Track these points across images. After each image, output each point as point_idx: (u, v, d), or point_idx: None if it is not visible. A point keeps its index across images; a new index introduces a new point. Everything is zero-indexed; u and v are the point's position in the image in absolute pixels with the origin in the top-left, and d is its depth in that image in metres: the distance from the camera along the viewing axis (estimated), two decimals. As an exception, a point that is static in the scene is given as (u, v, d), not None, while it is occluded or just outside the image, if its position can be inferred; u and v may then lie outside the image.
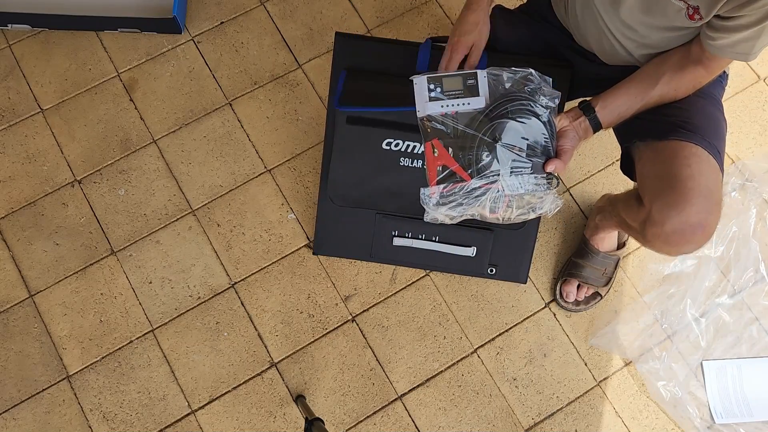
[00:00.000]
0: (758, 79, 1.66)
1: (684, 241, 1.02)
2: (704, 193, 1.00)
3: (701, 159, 1.03)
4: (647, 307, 1.48)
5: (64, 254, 1.50)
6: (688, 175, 1.01)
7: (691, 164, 1.03)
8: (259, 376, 1.44)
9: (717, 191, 1.03)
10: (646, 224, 1.05)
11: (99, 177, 1.56)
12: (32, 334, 1.46)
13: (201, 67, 1.64)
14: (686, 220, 1.00)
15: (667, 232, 1.02)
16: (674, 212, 1.00)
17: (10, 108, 1.60)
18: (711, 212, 1.01)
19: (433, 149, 1.07)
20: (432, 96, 1.07)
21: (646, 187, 1.07)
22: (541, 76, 1.07)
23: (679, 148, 1.05)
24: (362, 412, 1.43)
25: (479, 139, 1.06)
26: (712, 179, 1.03)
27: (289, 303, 1.48)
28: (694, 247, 1.04)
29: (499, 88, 1.07)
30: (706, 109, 1.12)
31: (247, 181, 1.56)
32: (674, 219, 1.00)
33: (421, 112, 1.07)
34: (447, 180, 1.07)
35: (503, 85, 1.07)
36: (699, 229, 1.01)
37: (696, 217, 1.00)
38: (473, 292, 1.50)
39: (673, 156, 1.05)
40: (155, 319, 1.47)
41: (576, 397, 1.45)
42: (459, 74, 1.07)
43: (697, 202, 1.00)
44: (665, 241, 1.04)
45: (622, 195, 1.28)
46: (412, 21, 1.68)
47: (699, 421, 1.41)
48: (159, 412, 1.42)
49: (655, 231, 1.04)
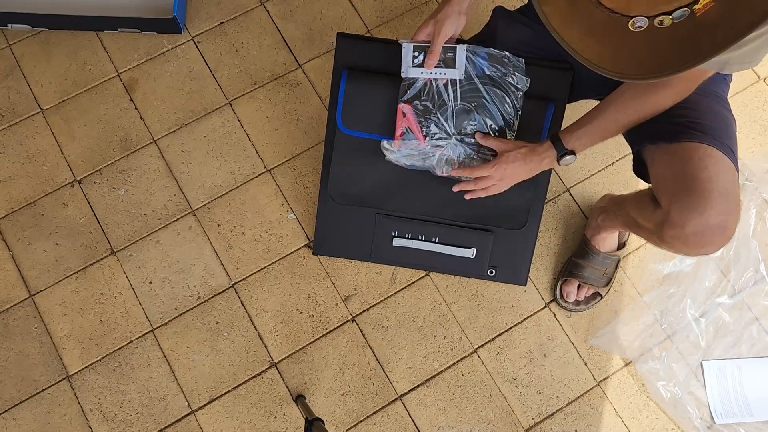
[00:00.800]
0: (758, 79, 1.66)
1: (705, 243, 1.03)
2: (723, 194, 1.01)
3: (716, 160, 1.04)
4: (647, 307, 1.48)
5: (64, 254, 1.50)
6: (706, 177, 1.02)
7: (708, 166, 1.03)
8: (259, 376, 1.44)
9: (735, 192, 1.03)
10: (665, 226, 1.05)
11: (99, 177, 1.56)
12: (32, 334, 1.46)
13: (201, 67, 1.64)
14: (707, 222, 1.00)
15: (688, 234, 1.02)
16: (695, 215, 1.00)
17: (10, 108, 1.60)
18: (731, 213, 1.01)
19: (403, 113, 1.24)
20: (415, 63, 1.21)
21: (663, 190, 1.07)
22: (515, 59, 1.22)
23: (693, 150, 1.05)
24: (362, 412, 1.43)
25: (445, 107, 1.23)
26: (729, 180, 1.03)
27: (289, 303, 1.48)
28: (715, 249, 1.04)
29: (475, 65, 1.21)
30: (713, 108, 1.12)
31: (247, 181, 1.56)
32: (695, 221, 1.01)
33: (404, 74, 1.22)
34: (407, 139, 1.25)
35: (480, 61, 1.21)
36: (720, 231, 1.01)
37: (716, 219, 1.00)
38: (473, 292, 1.50)
39: (688, 158, 1.05)
40: (155, 319, 1.47)
41: (576, 397, 1.45)
42: (441, 46, 1.19)
43: (717, 204, 1.00)
44: (685, 243, 1.04)
45: (630, 196, 1.28)
46: (412, 21, 1.68)
47: (699, 421, 1.41)
48: (159, 412, 1.42)
49: (674, 233, 1.04)
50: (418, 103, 1.23)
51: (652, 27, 0.76)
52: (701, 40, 0.75)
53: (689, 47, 0.76)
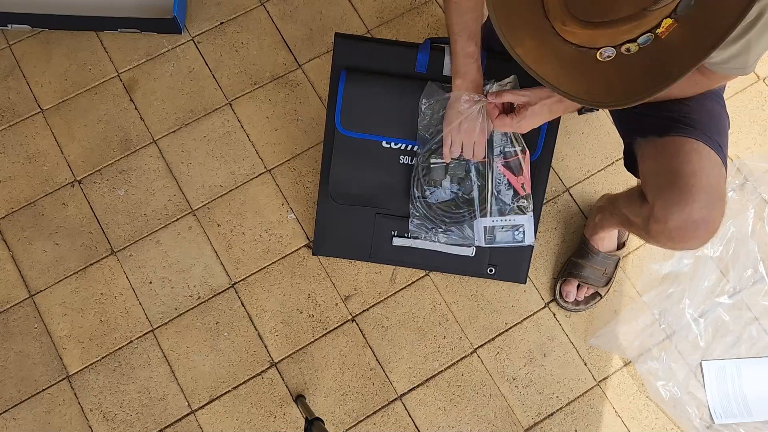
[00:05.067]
0: (758, 79, 1.66)
1: (688, 237, 1.03)
2: (706, 189, 1.01)
3: (702, 155, 1.04)
4: (646, 307, 1.49)
5: (64, 254, 1.51)
6: (690, 171, 1.02)
7: (693, 160, 1.03)
8: (259, 376, 1.44)
9: (720, 187, 1.03)
10: (650, 220, 1.06)
11: (99, 177, 1.56)
12: (32, 334, 1.46)
13: (201, 67, 1.64)
14: (689, 216, 1.00)
15: (671, 228, 1.03)
16: (677, 209, 1.01)
17: (10, 108, 1.60)
18: (714, 208, 1.01)
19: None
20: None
21: (649, 184, 1.08)
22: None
23: (680, 144, 1.05)
24: (362, 411, 1.43)
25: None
26: (714, 175, 1.03)
27: (289, 303, 1.49)
28: (699, 243, 1.05)
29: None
30: (706, 104, 1.12)
31: (247, 181, 1.56)
32: (677, 216, 1.01)
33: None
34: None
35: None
36: (702, 225, 1.02)
37: (699, 214, 1.00)
38: (473, 292, 1.50)
39: (674, 152, 1.05)
40: (155, 319, 1.47)
41: (576, 396, 1.45)
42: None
43: (699, 198, 1.00)
44: (669, 237, 1.05)
45: (623, 193, 1.29)
46: (412, 21, 1.68)
47: (698, 421, 1.41)
48: (159, 412, 1.42)
49: (658, 227, 1.05)
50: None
51: (620, 55, 0.78)
52: (669, 63, 0.78)
53: (658, 70, 0.78)
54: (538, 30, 0.82)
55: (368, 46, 1.31)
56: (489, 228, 1.31)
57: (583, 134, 1.60)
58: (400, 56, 1.29)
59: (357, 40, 1.33)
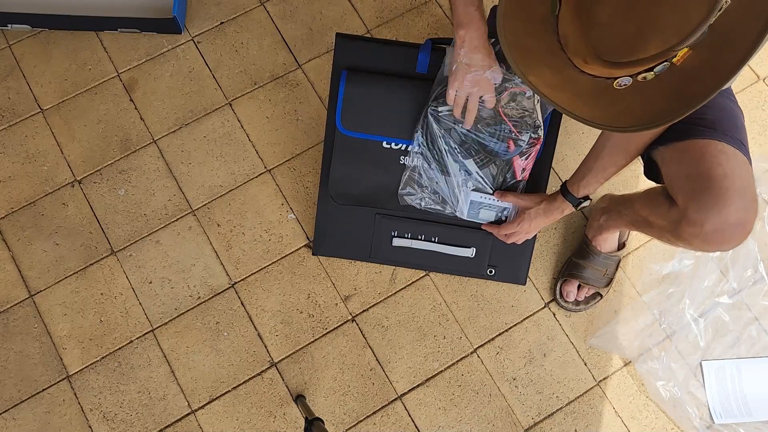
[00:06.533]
0: (758, 79, 1.66)
1: (725, 240, 1.03)
2: (740, 191, 1.00)
3: (729, 156, 1.04)
4: (646, 307, 1.49)
5: (64, 254, 1.51)
6: (722, 174, 1.01)
7: (722, 162, 1.02)
8: (259, 376, 1.44)
9: (751, 186, 1.03)
10: (682, 224, 1.05)
11: (99, 177, 1.56)
12: (32, 334, 1.46)
13: (201, 67, 1.64)
14: (726, 219, 1.00)
15: (707, 232, 1.02)
16: (713, 213, 1.00)
17: (10, 108, 1.60)
18: (749, 210, 1.01)
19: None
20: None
21: (678, 188, 1.07)
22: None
23: (703, 147, 1.05)
24: (362, 411, 1.43)
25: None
26: (744, 175, 1.03)
27: (289, 303, 1.49)
28: (735, 245, 1.04)
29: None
30: (719, 102, 1.12)
31: (247, 181, 1.56)
32: (714, 219, 1.00)
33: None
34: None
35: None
36: (739, 228, 1.01)
37: (735, 216, 1.00)
38: (473, 292, 1.50)
39: (700, 155, 1.04)
40: (155, 319, 1.47)
41: (576, 396, 1.45)
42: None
43: (734, 201, 1.00)
44: (704, 240, 1.04)
45: (639, 194, 1.27)
46: (412, 21, 1.68)
47: (698, 421, 1.41)
48: (159, 412, 1.42)
49: (693, 231, 1.04)
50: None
51: (636, 83, 0.78)
52: (692, 87, 0.78)
53: (681, 95, 0.79)
54: (553, 62, 0.82)
55: (369, 46, 1.32)
56: (476, 203, 1.34)
57: (583, 134, 1.60)
58: (401, 56, 1.29)
59: (358, 40, 1.33)
